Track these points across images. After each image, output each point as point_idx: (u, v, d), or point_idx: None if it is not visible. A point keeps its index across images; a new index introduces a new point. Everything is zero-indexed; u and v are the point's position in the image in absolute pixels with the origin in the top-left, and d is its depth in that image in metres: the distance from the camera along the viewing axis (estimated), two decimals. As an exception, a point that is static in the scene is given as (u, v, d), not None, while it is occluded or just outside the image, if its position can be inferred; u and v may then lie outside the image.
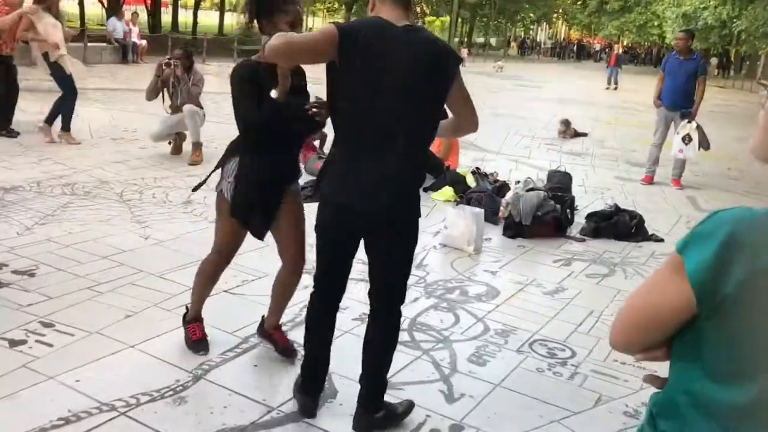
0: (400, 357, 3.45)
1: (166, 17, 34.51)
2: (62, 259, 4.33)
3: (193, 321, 3.43)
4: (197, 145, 7.43)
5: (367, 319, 2.86)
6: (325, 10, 53.81)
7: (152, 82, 7.27)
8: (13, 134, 7.82)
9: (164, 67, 7.14)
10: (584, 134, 12.48)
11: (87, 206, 5.50)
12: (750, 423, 1.05)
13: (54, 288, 3.89)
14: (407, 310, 4.03)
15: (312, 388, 2.93)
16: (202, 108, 7.58)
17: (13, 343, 3.25)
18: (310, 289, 2.99)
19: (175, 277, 4.23)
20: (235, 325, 3.64)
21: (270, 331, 3.42)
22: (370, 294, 2.83)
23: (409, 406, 2.96)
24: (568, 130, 12.12)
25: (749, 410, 1.04)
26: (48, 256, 4.35)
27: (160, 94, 7.34)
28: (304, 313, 3.85)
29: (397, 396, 3.08)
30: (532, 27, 71.92)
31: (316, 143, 8.03)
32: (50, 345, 3.27)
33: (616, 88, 25.20)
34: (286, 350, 3.38)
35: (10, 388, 2.87)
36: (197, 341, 3.37)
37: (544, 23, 71.90)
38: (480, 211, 5.49)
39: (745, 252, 0.99)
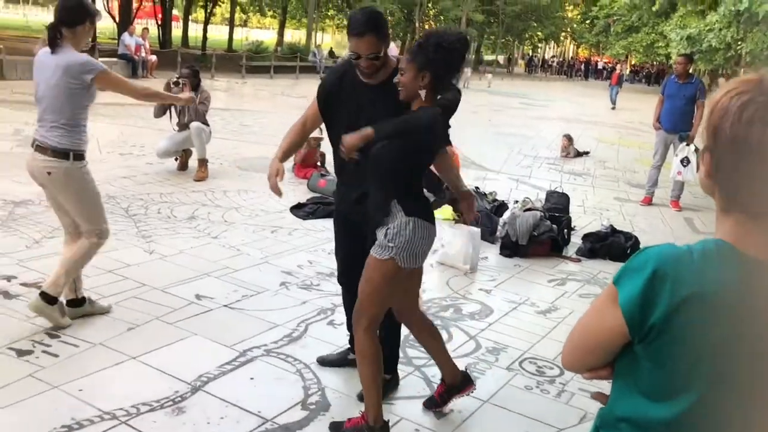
0: (392, 372, 3.58)
1: (176, 32, 34.90)
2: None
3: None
4: (203, 162, 7.59)
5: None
6: (334, 27, 54.29)
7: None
8: None
9: (172, 86, 7.33)
10: (586, 153, 12.61)
11: (94, 220, 5.64)
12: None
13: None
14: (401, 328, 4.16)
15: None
16: (208, 125, 7.75)
17: (21, 353, 3.38)
18: (310, 305, 3.12)
19: (178, 291, 4.36)
20: (234, 339, 3.77)
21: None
22: None
23: None
24: (571, 147, 12.25)
25: (675, 425, 1.17)
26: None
27: (168, 112, 7.51)
28: (300, 328, 4.00)
29: (389, 410, 3.19)
30: (539, 45, 72.30)
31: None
32: (56, 355, 3.40)
33: (613, 108, 25.34)
34: (464, 380, 3.29)
35: (18, 396, 3.00)
36: None
37: (552, 42, 72.23)
38: (477, 230, 5.61)
39: (666, 285, 1.11)
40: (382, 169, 2.78)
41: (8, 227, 5.24)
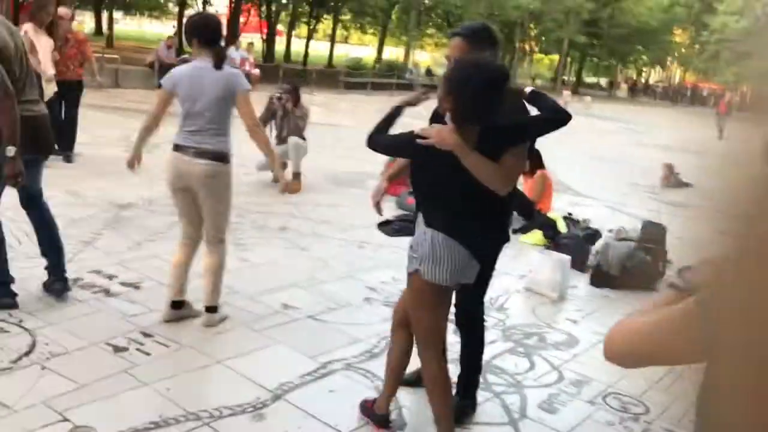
0: (470, 397, 3.55)
1: (279, 46, 36.08)
2: (166, 275, 4.65)
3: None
4: (297, 175, 7.79)
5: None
6: (433, 45, 54.65)
7: (262, 115, 7.73)
8: (71, 159, 8.02)
9: (275, 101, 7.57)
10: (688, 184, 12.12)
11: (192, 226, 5.89)
12: None
13: (156, 301, 4.22)
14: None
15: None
16: (305, 140, 7.96)
17: (117, 349, 3.57)
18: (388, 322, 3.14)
19: (266, 299, 4.49)
20: (316, 351, 3.84)
21: None
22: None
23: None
24: (671, 176, 11.82)
25: None
26: (154, 271, 4.72)
27: (268, 126, 7.77)
28: (381, 345, 4.03)
29: (464, 435, 3.17)
30: (644, 69, 70.26)
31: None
32: (148, 354, 3.57)
33: (720, 137, 24.18)
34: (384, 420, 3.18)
35: (113, 390, 3.16)
36: None
37: (658, 66, 70.09)
38: (567, 257, 5.49)
39: None
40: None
41: (113, 228, 5.55)
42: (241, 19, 30.03)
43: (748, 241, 0.85)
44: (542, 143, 3.87)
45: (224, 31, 3.89)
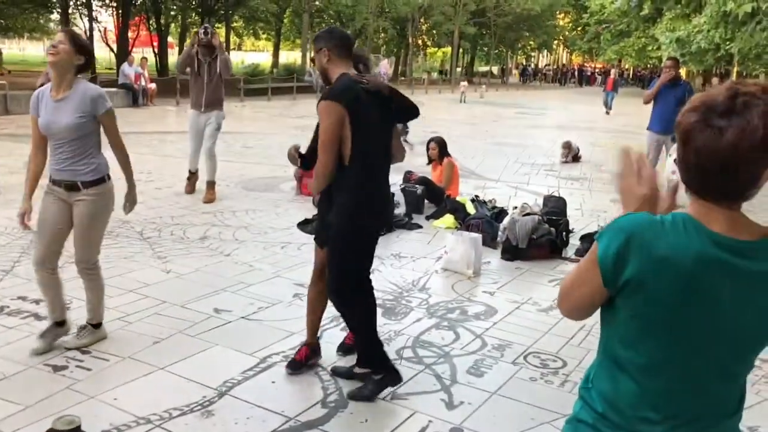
0: (404, 371, 3.80)
1: (172, 58, 35.34)
2: (92, 294, 4.71)
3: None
4: (211, 184, 7.84)
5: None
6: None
7: (180, 60, 7.89)
8: None
9: (201, 37, 7.55)
10: (579, 158, 12.89)
11: (111, 245, 5.87)
12: (647, 375, 1.42)
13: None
14: (411, 329, 4.40)
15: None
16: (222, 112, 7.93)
17: (56, 368, 3.62)
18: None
19: (197, 306, 4.59)
20: (253, 348, 4.00)
21: None
22: None
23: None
24: (571, 152, 12.55)
25: (642, 366, 1.42)
26: (79, 292, 4.69)
27: (192, 71, 7.73)
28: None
29: (403, 405, 3.42)
30: (533, 54, 72.88)
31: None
32: (89, 369, 3.63)
33: (608, 113, 25.61)
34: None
35: (58, 406, 3.22)
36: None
37: (545, 50, 72.83)
38: (478, 236, 5.84)
39: (639, 247, 1.34)
40: None
41: (30, 254, 5.46)
42: (131, 34, 29.25)
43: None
44: (447, 133, 4.15)
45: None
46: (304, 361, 3.77)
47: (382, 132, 3.44)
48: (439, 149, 8.15)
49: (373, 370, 3.53)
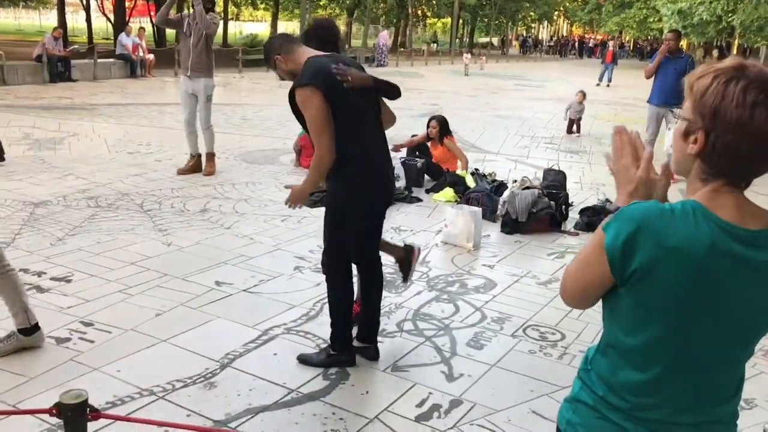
0: (405, 343, 3.85)
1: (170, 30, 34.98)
2: (94, 266, 4.73)
3: None
4: (211, 156, 7.81)
5: None
6: (327, 16, 54.23)
7: (162, 12, 7.62)
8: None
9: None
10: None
11: (111, 217, 5.90)
12: (649, 361, 1.43)
13: (89, 292, 4.29)
14: (411, 302, 4.43)
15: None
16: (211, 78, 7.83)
17: (60, 341, 3.65)
18: (323, 287, 3.37)
19: (198, 279, 4.62)
20: (255, 320, 4.03)
21: None
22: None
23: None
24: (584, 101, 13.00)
25: (643, 351, 1.42)
26: (81, 264, 4.75)
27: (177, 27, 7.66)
28: (317, 308, 4.26)
29: (403, 377, 3.46)
30: (533, 25, 72.27)
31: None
32: (92, 341, 3.66)
33: (609, 86, 25.48)
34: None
35: (62, 378, 3.26)
36: None
37: (546, 21, 72.21)
38: (478, 209, 5.85)
39: (648, 237, 1.33)
40: None
41: (32, 226, 5.49)
42: (128, 4, 28.92)
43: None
44: (446, 105, 4.11)
45: None
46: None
47: (367, 103, 3.40)
48: (440, 128, 8.01)
49: (334, 347, 3.59)
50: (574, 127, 12.78)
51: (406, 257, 4.10)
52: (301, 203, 3.51)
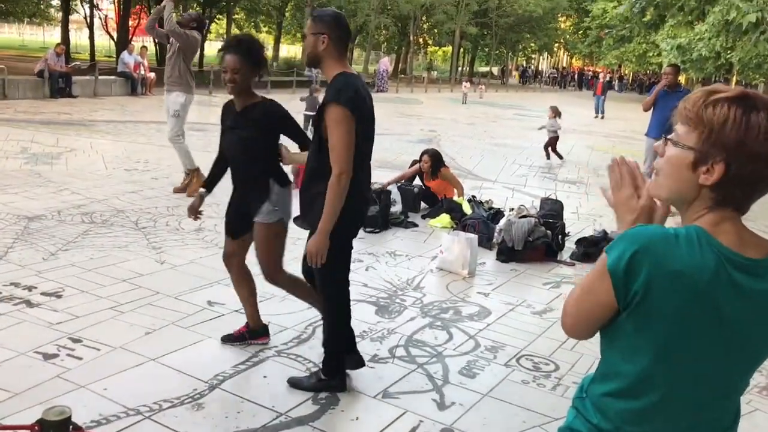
0: (396, 369, 3.80)
1: (173, 49, 35.18)
2: (86, 282, 4.69)
3: None
4: (187, 174, 7.74)
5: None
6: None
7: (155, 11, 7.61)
8: None
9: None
10: (561, 158, 13.03)
11: (105, 234, 5.87)
12: (646, 389, 1.40)
13: (80, 308, 4.24)
14: (404, 328, 4.39)
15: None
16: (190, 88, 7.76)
17: (47, 357, 3.59)
18: (315, 310, 3.34)
19: (190, 298, 4.58)
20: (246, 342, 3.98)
21: None
22: None
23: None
24: (557, 119, 13.35)
25: (646, 381, 1.40)
26: (72, 280, 4.71)
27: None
28: (308, 331, 4.22)
29: (394, 404, 3.41)
30: (533, 56, 72.87)
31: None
32: (80, 358, 3.61)
33: (602, 117, 25.70)
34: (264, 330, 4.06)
35: (48, 394, 3.20)
36: None
37: (546, 53, 72.84)
38: (474, 236, 5.84)
39: (651, 259, 1.31)
40: None
41: (25, 240, 5.45)
42: (131, 23, 29.14)
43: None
44: (445, 132, 4.11)
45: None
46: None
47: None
48: (431, 162, 7.84)
49: (325, 371, 3.52)
50: (551, 149, 12.87)
51: (255, 331, 4.00)
52: (323, 254, 3.28)
